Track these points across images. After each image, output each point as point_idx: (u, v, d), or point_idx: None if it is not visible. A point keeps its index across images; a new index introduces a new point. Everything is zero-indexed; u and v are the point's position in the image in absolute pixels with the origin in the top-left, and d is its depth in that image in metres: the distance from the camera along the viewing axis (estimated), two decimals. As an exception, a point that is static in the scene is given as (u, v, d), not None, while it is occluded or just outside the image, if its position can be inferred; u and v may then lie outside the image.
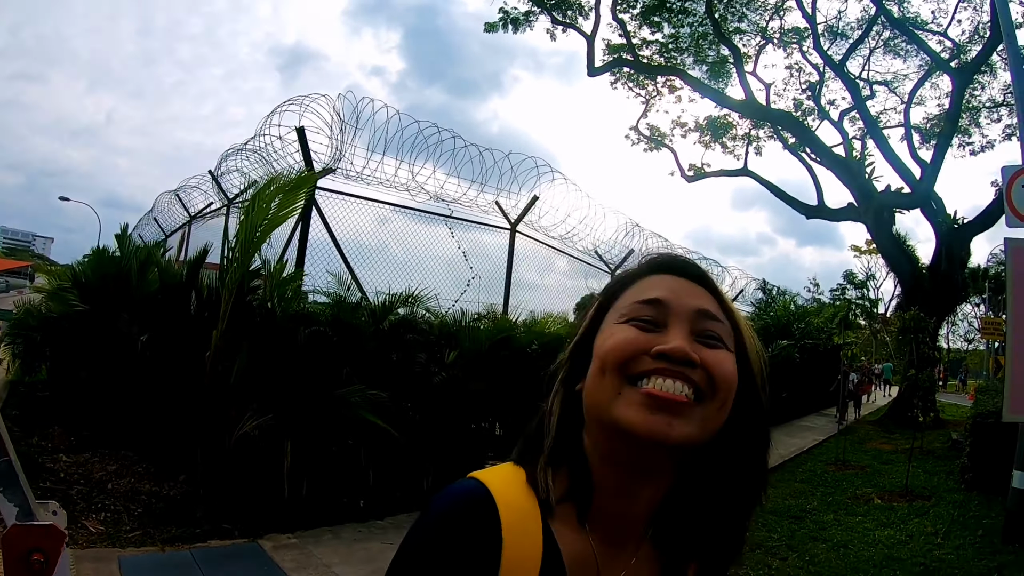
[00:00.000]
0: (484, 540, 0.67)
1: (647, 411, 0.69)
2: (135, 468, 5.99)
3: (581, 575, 0.73)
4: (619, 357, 0.72)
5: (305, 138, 7.00)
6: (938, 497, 8.37)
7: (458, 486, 0.73)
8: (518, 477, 0.76)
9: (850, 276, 49.48)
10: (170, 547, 4.70)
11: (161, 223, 11.92)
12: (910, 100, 19.81)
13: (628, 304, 0.78)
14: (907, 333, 10.97)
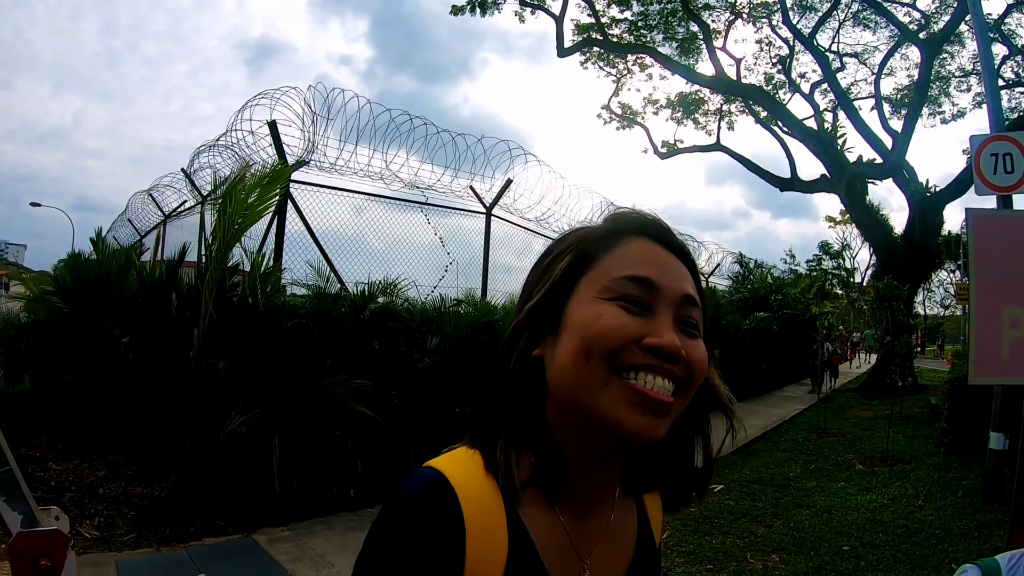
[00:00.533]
0: (447, 534, 0.64)
1: (637, 411, 0.67)
2: (125, 471, 5.99)
3: (556, 556, 0.71)
4: (609, 345, 0.67)
5: (277, 131, 6.97)
6: (918, 461, 8.59)
7: (415, 479, 0.69)
8: (476, 462, 0.71)
9: (826, 247, 50.05)
10: (166, 547, 4.72)
11: (135, 224, 11.76)
12: (880, 71, 20.06)
13: (615, 277, 0.71)
14: (882, 301, 11.20)
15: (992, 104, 4.33)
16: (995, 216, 3.17)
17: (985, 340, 2.83)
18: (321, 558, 4.73)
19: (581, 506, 0.75)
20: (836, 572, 4.76)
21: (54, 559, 1.73)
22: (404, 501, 0.66)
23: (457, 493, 0.66)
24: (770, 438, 10.66)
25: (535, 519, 0.71)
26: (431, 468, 0.70)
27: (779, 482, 7.49)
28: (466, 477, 0.69)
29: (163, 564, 4.45)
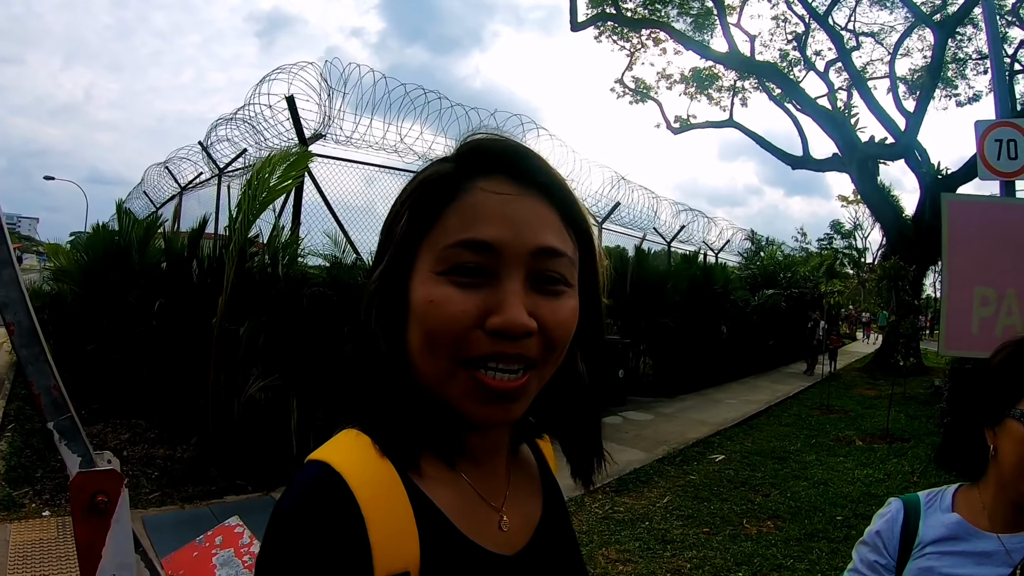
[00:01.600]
0: (343, 529, 0.57)
1: (485, 402, 0.63)
2: (147, 435, 6.26)
3: (468, 515, 0.67)
4: (448, 338, 0.61)
5: (295, 106, 7.11)
6: (917, 440, 8.71)
7: (299, 480, 0.62)
8: (362, 443, 0.64)
9: (837, 226, 49.70)
10: (189, 505, 4.99)
11: (151, 196, 11.99)
12: (895, 52, 19.83)
13: (447, 244, 0.62)
14: (888, 281, 11.27)
15: (999, 89, 4.38)
16: (968, 202, 3.31)
17: (955, 316, 3.00)
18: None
19: (480, 459, 0.71)
20: (828, 539, 4.95)
21: (110, 496, 1.90)
22: (290, 505, 0.59)
23: (348, 482, 0.59)
24: (773, 412, 10.85)
25: (437, 485, 0.66)
26: (314, 462, 0.62)
27: (779, 455, 7.68)
28: (355, 461, 0.62)
29: (187, 520, 4.71)
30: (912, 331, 11.09)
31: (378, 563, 0.57)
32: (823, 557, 4.62)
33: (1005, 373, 1.20)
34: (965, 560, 1.20)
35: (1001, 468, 1.17)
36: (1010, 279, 2.98)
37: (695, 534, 5.03)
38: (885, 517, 1.33)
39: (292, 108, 7.07)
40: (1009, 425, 1.15)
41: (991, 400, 1.20)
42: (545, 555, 0.74)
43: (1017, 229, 3.05)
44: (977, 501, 1.24)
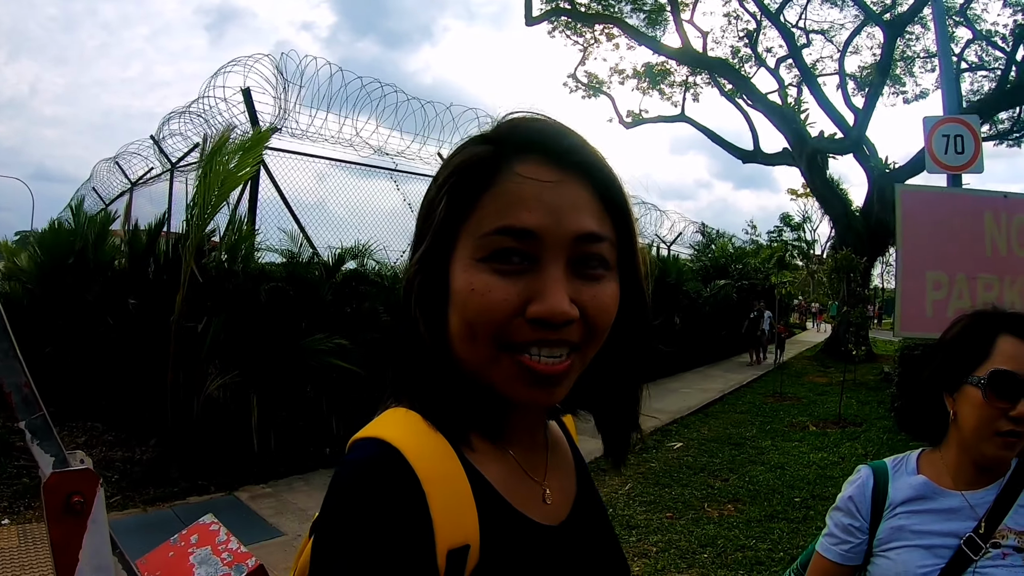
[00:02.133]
0: (404, 501, 0.57)
1: (529, 385, 0.63)
2: (105, 437, 6.11)
3: (515, 489, 0.68)
4: (490, 326, 0.61)
5: (251, 99, 7.00)
6: (869, 424, 9.04)
7: (356, 455, 0.61)
8: (413, 419, 0.65)
9: (787, 218, 50.69)
10: (152, 507, 4.89)
11: (100, 192, 11.60)
12: (845, 49, 20.38)
13: (486, 232, 0.62)
14: (839, 272, 11.62)
15: (947, 86, 4.58)
16: (920, 192, 3.51)
17: (909, 299, 3.17)
18: (303, 512, 4.95)
19: (521, 436, 0.73)
20: (787, 520, 5.14)
21: (86, 496, 1.86)
22: (350, 483, 0.59)
23: (406, 457, 0.59)
24: (728, 401, 11.14)
25: (486, 460, 0.67)
26: (369, 439, 0.62)
27: (736, 441, 7.90)
28: (410, 437, 0.62)
29: (151, 523, 4.62)
30: (862, 320, 11.47)
31: (440, 537, 0.57)
32: (784, 536, 4.79)
33: (962, 344, 1.30)
34: (933, 517, 1.30)
35: (962, 431, 1.28)
36: (960, 264, 3.17)
37: (659, 519, 5.15)
38: (856, 483, 1.42)
39: (248, 101, 6.95)
40: (968, 391, 1.26)
41: (949, 369, 1.31)
42: (584, 525, 0.77)
43: (965, 217, 3.24)
44: (940, 463, 1.35)
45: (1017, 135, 19.83)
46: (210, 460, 5.59)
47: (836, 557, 1.40)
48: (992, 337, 1.26)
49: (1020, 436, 1.21)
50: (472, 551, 0.60)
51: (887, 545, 1.33)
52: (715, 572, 4.19)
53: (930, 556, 1.27)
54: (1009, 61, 17.47)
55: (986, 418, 1.22)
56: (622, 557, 0.82)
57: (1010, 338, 1.25)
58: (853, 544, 1.38)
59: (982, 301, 1.33)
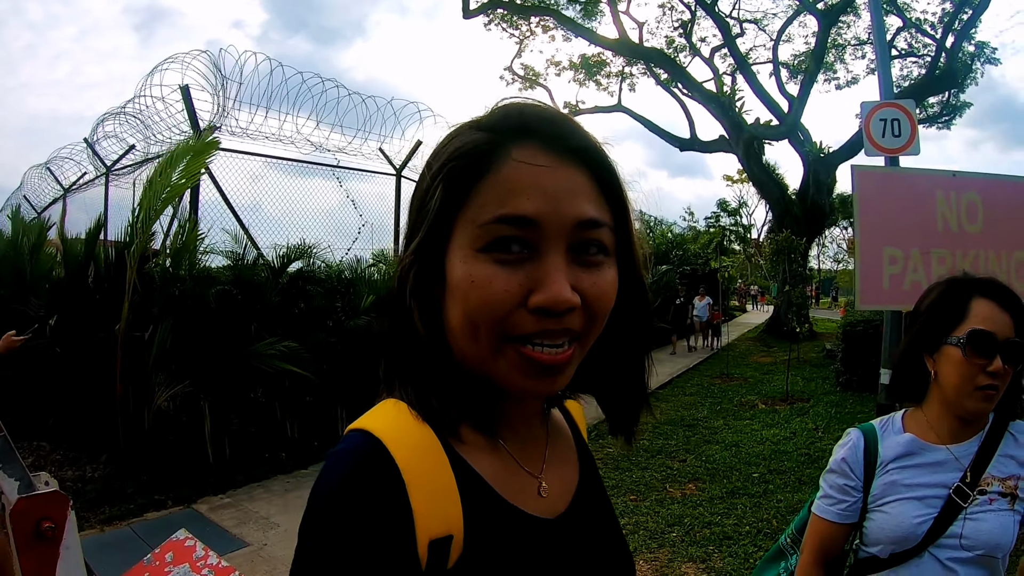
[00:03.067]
0: (383, 490, 0.57)
1: (530, 376, 0.62)
2: (53, 456, 5.81)
3: (508, 482, 0.68)
4: (492, 318, 0.60)
5: (190, 97, 6.77)
6: (816, 399, 9.39)
7: (340, 449, 0.61)
8: (401, 410, 0.64)
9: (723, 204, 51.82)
10: (109, 527, 4.68)
11: (32, 200, 11.07)
12: (778, 38, 20.89)
13: (485, 221, 0.60)
14: (780, 254, 12.01)
15: (883, 73, 4.74)
16: (874, 173, 3.68)
17: (868, 273, 3.35)
18: (265, 519, 4.84)
19: (517, 427, 0.72)
20: (748, 495, 5.31)
21: (56, 521, 1.76)
22: (330, 473, 0.59)
23: (387, 446, 0.59)
24: (676, 384, 11.36)
25: (477, 452, 0.66)
26: (354, 430, 0.63)
27: (688, 422, 8.08)
28: (394, 427, 0.62)
29: (109, 543, 4.43)
30: (803, 299, 11.88)
31: (420, 526, 0.57)
32: (748, 511, 4.95)
33: (939, 308, 1.42)
34: (922, 471, 1.41)
35: (943, 389, 1.40)
36: (914, 240, 3.38)
37: (623, 502, 5.24)
38: (847, 445, 1.51)
39: (187, 99, 6.73)
40: (947, 351, 1.37)
41: (929, 332, 1.42)
42: (585, 518, 0.76)
43: (918, 196, 3.44)
44: (923, 420, 1.46)
45: (946, 118, 20.77)
46: (165, 473, 5.41)
47: (834, 517, 1.48)
48: (967, 300, 1.37)
49: (997, 389, 1.33)
50: (456, 541, 0.60)
51: (882, 500, 1.43)
52: (685, 550, 4.29)
53: (923, 507, 1.37)
54: (938, 48, 18.23)
55: (966, 374, 1.33)
56: (626, 550, 0.81)
57: (984, 300, 1.36)
58: (849, 503, 1.47)
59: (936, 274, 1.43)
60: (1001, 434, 1.42)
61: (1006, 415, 1.43)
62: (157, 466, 5.44)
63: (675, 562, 4.13)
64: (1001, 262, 3.36)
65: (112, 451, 5.54)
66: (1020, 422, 1.45)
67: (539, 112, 0.64)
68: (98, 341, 5.63)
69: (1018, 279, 3.34)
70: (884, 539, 1.42)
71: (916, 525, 1.37)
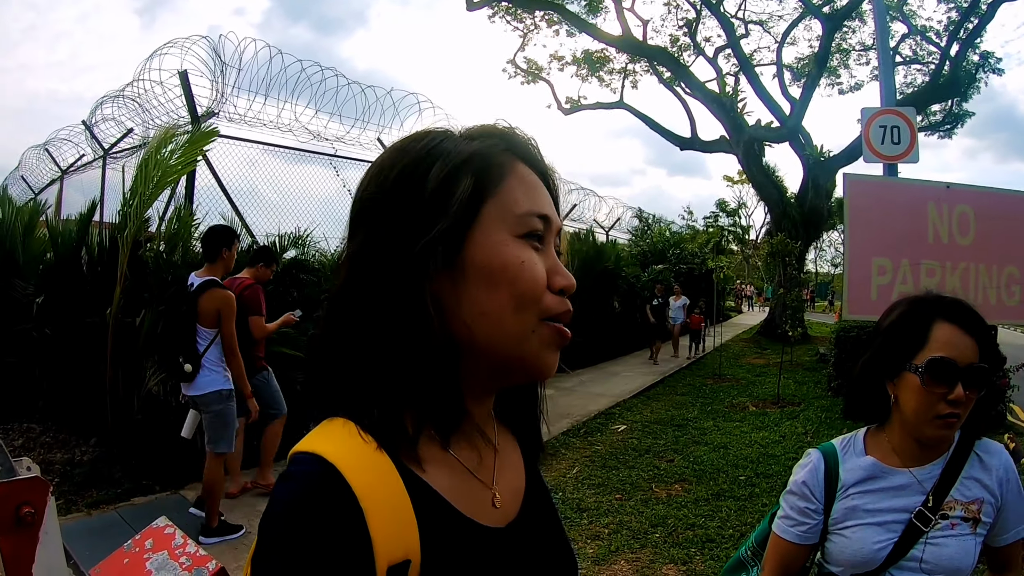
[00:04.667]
0: (341, 519, 0.57)
1: (555, 352, 0.69)
2: (43, 439, 5.81)
3: (463, 494, 0.68)
4: (537, 295, 0.66)
5: (188, 82, 6.73)
6: (807, 403, 9.39)
7: (292, 470, 0.60)
8: (351, 432, 0.63)
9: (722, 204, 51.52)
10: (96, 511, 4.70)
11: (29, 181, 11.04)
12: (783, 40, 20.88)
13: (523, 212, 0.67)
14: (774, 257, 12.01)
15: (884, 79, 4.76)
16: (866, 181, 3.67)
17: (856, 284, 3.36)
18: (251, 507, 4.87)
19: (470, 438, 0.72)
20: (734, 498, 5.33)
21: (36, 506, 1.76)
22: (285, 501, 0.58)
23: (343, 474, 0.58)
24: (668, 383, 11.39)
25: (432, 468, 0.66)
26: (305, 454, 0.61)
27: (678, 422, 8.10)
28: (348, 452, 0.61)
29: (96, 527, 4.44)
30: (798, 303, 11.90)
31: (379, 553, 0.57)
32: (732, 514, 4.97)
33: (899, 331, 1.38)
34: (884, 495, 1.39)
35: (904, 414, 1.36)
36: (903, 251, 3.38)
37: (608, 501, 5.26)
38: (807, 468, 1.49)
39: (185, 84, 6.69)
40: (907, 377, 1.34)
41: (889, 356, 1.38)
42: (533, 524, 0.78)
43: (909, 206, 3.44)
44: (886, 443, 1.43)
45: (948, 127, 20.75)
46: (154, 459, 5.40)
47: (794, 538, 1.47)
48: (928, 324, 1.33)
49: (959, 417, 1.29)
50: (413, 565, 0.60)
51: (842, 524, 1.42)
52: (667, 551, 4.31)
53: (883, 532, 1.36)
54: (943, 56, 18.21)
55: (925, 403, 1.30)
56: (570, 551, 0.83)
57: (946, 324, 1.32)
58: (810, 525, 1.46)
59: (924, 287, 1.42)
60: (966, 456, 1.39)
61: (972, 434, 1.41)
62: (146, 451, 5.43)
63: (656, 563, 4.15)
64: (992, 276, 3.36)
65: (101, 435, 5.55)
66: (987, 440, 1.44)
67: (527, 137, 0.76)
68: (89, 325, 5.62)
69: (1008, 294, 3.36)
70: (844, 562, 1.41)
71: (876, 551, 1.36)
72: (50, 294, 6.08)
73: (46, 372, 6.14)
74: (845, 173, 3.60)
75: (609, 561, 4.20)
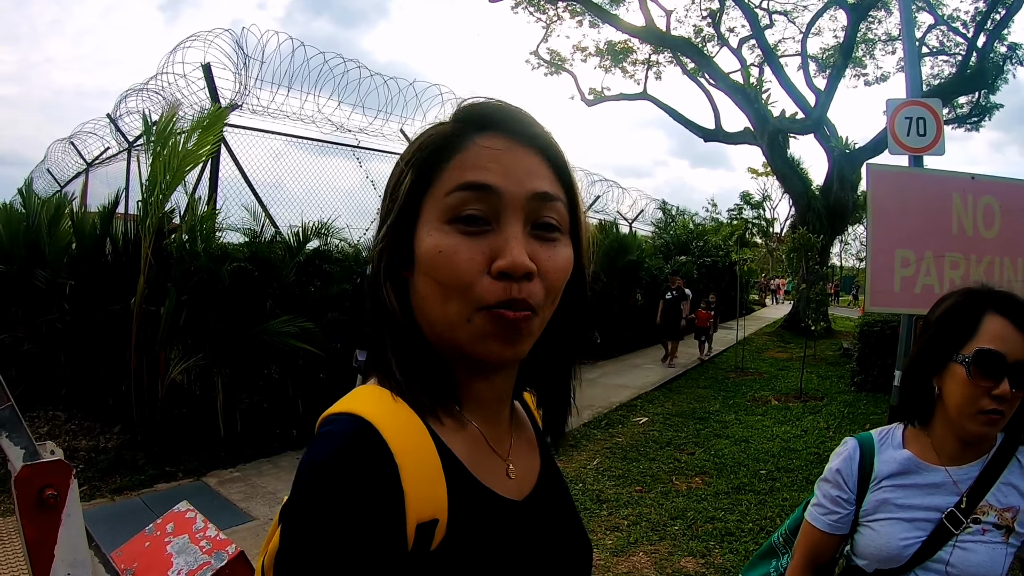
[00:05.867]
0: (378, 475, 0.58)
1: (499, 342, 0.65)
2: (68, 427, 5.93)
3: (480, 462, 0.70)
4: (460, 284, 0.64)
5: (211, 75, 6.81)
6: (830, 398, 9.25)
7: (331, 428, 0.62)
8: (385, 394, 0.66)
9: (747, 197, 50.90)
10: (119, 496, 4.78)
11: (55, 174, 11.25)
12: (808, 31, 20.47)
13: (450, 190, 0.65)
14: (797, 251, 11.86)
15: (910, 70, 4.64)
16: (889, 172, 3.59)
17: (879, 276, 3.29)
18: (272, 495, 4.91)
19: (486, 408, 0.74)
20: (754, 492, 5.27)
21: (59, 489, 1.79)
22: (325, 456, 0.59)
23: (381, 432, 0.60)
24: (690, 376, 11.30)
25: (452, 434, 0.68)
26: (343, 414, 0.63)
27: (700, 415, 8.04)
28: (384, 412, 0.63)
29: (119, 513, 4.53)
30: (822, 297, 11.74)
31: (410, 510, 0.58)
32: (752, 508, 4.92)
33: (949, 322, 1.32)
34: (917, 491, 1.35)
35: (947, 408, 1.31)
36: (927, 243, 3.31)
37: (628, 492, 5.24)
38: (843, 456, 1.46)
39: (208, 77, 6.76)
40: (953, 369, 1.28)
41: (937, 346, 1.33)
42: (548, 501, 0.79)
43: (933, 197, 3.36)
44: (925, 438, 1.39)
45: (975, 119, 20.26)
46: (177, 446, 5.51)
47: (824, 527, 1.44)
48: (979, 315, 1.28)
49: (1003, 414, 1.24)
50: (440, 525, 0.61)
51: (871, 516, 1.38)
52: (686, 544, 4.28)
53: (912, 529, 1.32)
54: (970, 47, 17.75)
55: (970, 396, 1.25)
56: (584, 534, 0.84)
57: (996, 317, 1.26)
58: (841, 515, 1.43)
59: (948, 278, 1.38)
60: (1007, 460, 1.34)
61: (1016, 438, 1.35)
62: (169, 438, 5.53)
63: (675, 555, 4.12)
64: (1017, 269, 3.27)
65: (125, 422, 5.65)
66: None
67: (499, 107, 0.70)
68: (113, 314, 5.71)
69: (1034, 287, 3.28)
70: (870, 555, 1.38)
71: (903, 548, 1.32)
72: (76, 283, 6.18)
73: (71, 360, 6.25)
74: (868, 163, 3.54)
75: (628, 553, 4.18)
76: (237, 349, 5.87)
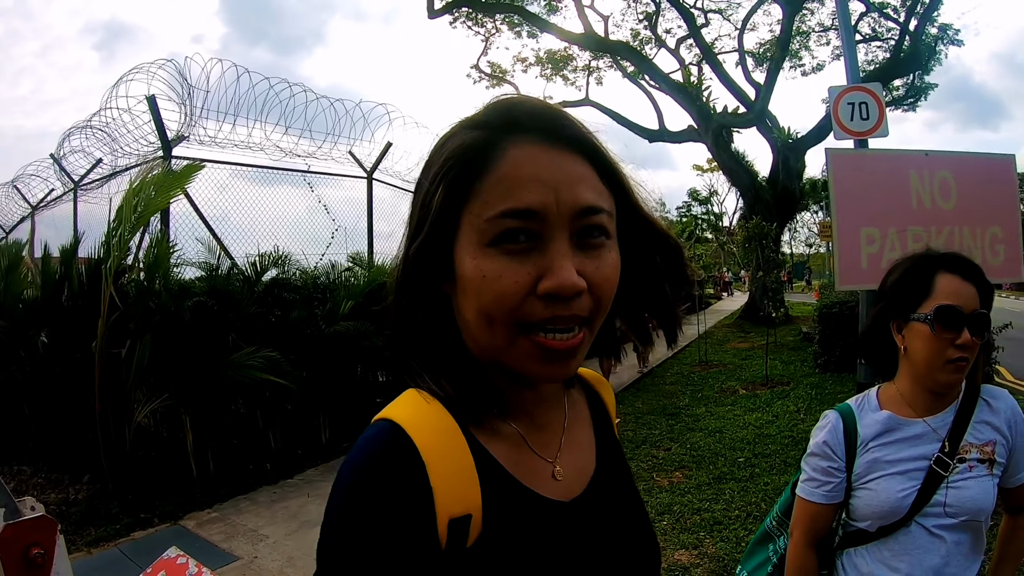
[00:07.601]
0: (403, 472, 0.60)
1: (544, 363, 0.64)
2: (35, 480, 5.69)
3: (522, 464, 0.70)
4: (505, 308, 0.62)
5: (156, 107, 6.67)
6: (796, 382, 9.48)
7: (366, 435, 0.65)
8: (422, 398, 0.68)
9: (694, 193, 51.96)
10: (96, 549, 4.59)
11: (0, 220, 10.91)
12: (743, 27, 20.99)
13: (491, 216, 0.62)
14: (752, 241, 12.11)
15: (849, 57, 4.81)
16: (848, 155, 3.77)
17: (846, 255, 3.43)
18: (254, 532, 4.79)
19: (533, 413, 0.74)
20: (735, 480, 5.37)
21: (45, 547, 1.72)
22: (353, 459, 0.62)
23: (408, 432, 0.62)
24: (656, 373, 11.38)
25: (492, 438, 0.69)
26: (378, 420, 0.66)
27: (671, 411, 8.13)
28: (414, 413, 0.65)
29: (98, 566, 4.34)
30: (778, 284, 12.00)
31: (440, 504, 0.60)
32: (736, 496, 5.01)
33: (904, 284, 1.46)
34: (902, 445, 1.46)
35: (914, 363, 1.45)
36: (890, 219, 3.48)
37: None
38: (826, 428, 1.56)
39: (153, 109, 6.63)
40: (915, 327, 1.42)
41: (896, 308, 1.46)
42: (602, 502, 0.78)
43: (892, 176, 3.53)
44: (896, 395, 1.51)
45: (911, 100, 21.10)
46: (150, 491, 5.33)
47: (820, 499, 1.52)
48: (931, 276, 1.42)
49: (967, 360, 1.38)
50: (474, 521, 0.63)
51: (865, 478, 1.47)
52: (677, 537, 4.34)
53: (905, 480, 1.42)
54: (902, 31, 18.42)
55: (936, 349, 1.38)
56: (650, 533, 0.83)
57: (948, 275, 1.41)
58: (834, 484, 1.51)
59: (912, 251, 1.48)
60: (974, 402, 1.47)
61: (976, 382, 1.49)
62: (141, 484, 5.36)
63: (668, 549, 4.16)
64: (976, 237, 3.46)
65: (95, 471, 5.45)
66: (991, 387, 1.52)
67: (530, 106, 0.67)
68: (75, 361, 5.53)
69: (992, 253, 3.45)
70: (871, 515, 1.46)
71: (901, 499, 1.41)
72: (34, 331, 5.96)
73: (34, 411, 6.02)
74: (827, 148, 3.68)
75: (620, 553, 4.20)
76: (202, 386, 5.72)
